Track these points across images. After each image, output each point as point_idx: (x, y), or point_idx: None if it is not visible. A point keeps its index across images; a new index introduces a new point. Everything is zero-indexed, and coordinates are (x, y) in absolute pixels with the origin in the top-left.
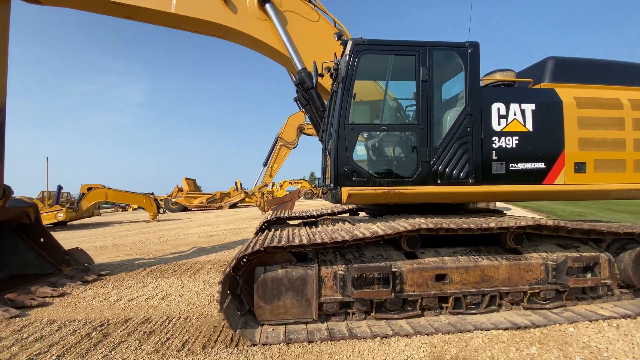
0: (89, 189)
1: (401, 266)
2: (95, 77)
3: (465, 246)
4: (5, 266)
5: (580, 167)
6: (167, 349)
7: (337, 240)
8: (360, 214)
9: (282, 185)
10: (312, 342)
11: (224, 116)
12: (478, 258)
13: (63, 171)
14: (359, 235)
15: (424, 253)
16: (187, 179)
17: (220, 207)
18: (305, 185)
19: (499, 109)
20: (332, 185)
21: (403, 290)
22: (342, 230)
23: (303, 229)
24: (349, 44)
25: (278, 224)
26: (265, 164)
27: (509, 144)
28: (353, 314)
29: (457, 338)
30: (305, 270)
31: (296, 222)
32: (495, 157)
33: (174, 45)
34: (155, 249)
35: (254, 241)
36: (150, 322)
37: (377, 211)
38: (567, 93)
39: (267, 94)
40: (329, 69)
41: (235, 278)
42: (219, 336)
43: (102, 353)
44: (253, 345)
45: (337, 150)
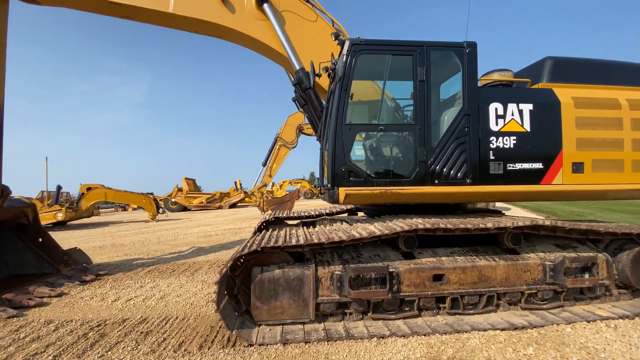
0: (89, 188)
1: (398, 266)
2: (96, 77)
3: (463, 246)
4: (4, 266)
5: (578, 167)
6: (164, 349)
7: (334, 241)
8: (359, 214)
9: (282, 185)
10: (309, 343)
11: (224, 116)
12: (475, 258)
13: (63, 171)
14: (356, 235)
15: (421, 253)
16: (186, 178)
17: (220, 207)
18: (305, 185)
19: (496, 109)
20: (330, 185)
21: (400, 290)
22: (339, 230)
23: (300, 229)
24: (347, 44)
25: (276, 224)
26: (264, 164)
27: (506, 144)
28: (350, 314)
29: (454, 338)
30: (302, 271)
31: (295, 222)
32: (493, 157)
33: (175, 45)
34: (154, 249)
35: (250, 241)
36: (148, 322)
37: (375, 211)
38: (565, 93)
39: (267, 94)
40: (326, 69)
41: (232, 278)
42: (215, 336)
43: (98, 353)
44: (250, 345)
45: (335, 150)
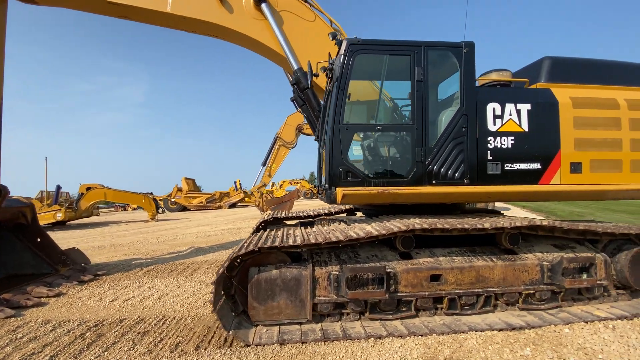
0: (88, 188)
1: (395, 267)
2: (95, 77)
3: (461, 247)
4: (2, 266)
5: (576, 168)
6: (161, 349)
7: (331, 241)
8: (358, 214)
9: (282, 185)
10: (305, 343)
11: (224, 116)
12: (473, 258)
13: (63, 171)
14: (353, 235)
15: (419, 253)
16: (186, 178)
17: (220, 207)
18: (305, 185)
19: (494, 109)
20: (327, 185)
21: (397, 290)
22: (336, 230)
23: (298, 229)
24: (344, 44)
25: (275, 224)
26: (264, 164)
27: (504, 144)
28: (347, 314)
29: (451, 339)
30: (299, 271)
31: (293, 222)
32: (491, 158)
33: (174, 45)
34: (153, 249)
35: (247, 242)
36: (145, 322)
37: (374, 211)
38: (563, 93)
39: (267, 94)
40: (324, 69)
41: (230, 279)
42: (212, 337)
43: (95, 353)
44: (246, 345)
45: (332, 150)
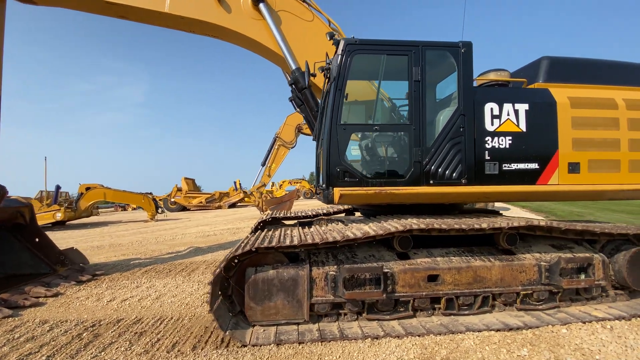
0: (87, 188)
1: (393, 267)
2: (95, 77)
3: (459, 247)
4: (0, 266)
5: (574, 168)
6: (157, 349)
7: (328, 241)
8: (356, 214)
9: (282, 185)
10: (302, 343)
11: (224, 116)
12: (470, 259)
13: (62, 171)
14: (350, 235)
15: (416, 254)
16: (186, 178)
17: (219, 207)
18: (305, 185)
19: (492, 109)
20: (324, 185)
21: (395, 291)
22: (334, 230)
23: (295, 229)
24: (341, 44)
25: (274, 224)
26: (263, 164)
27: (502, 144)
28: (345, 314)
29: (449, 339)
30: (296, 271)
31: (292, 222)
32: (488, 158)
33: (174, 45)
34: (152, 249)
35: (244, 242)
36: (142, 322)
37: (372, 212)
38: (561, 93)
39: (267, 94)
40: (322, 68)
41: (227, 279)
42: (209, 337)
43: (91, 354)
44: (243, 346)
45: (329, 150)
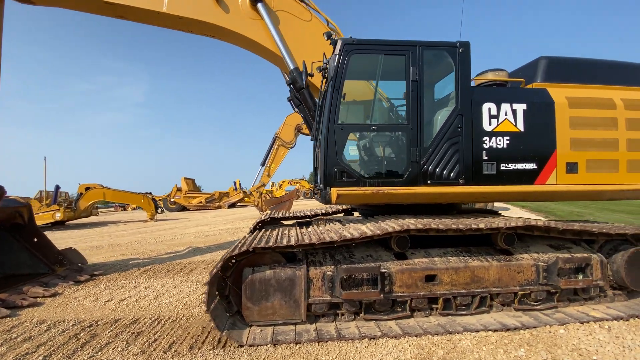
0: (87, 188)
1: (390, 267)
2: (96, 77)
3: (457, 247)
4: None
5: (572, 168)
6: (154, 350)
7: (325, 241)
8: (355, 214)
9: (282, 185)
10: (299, 344)
11: (224, 116)
12: (468, 259)
13: (62, 171)
14: (348, 236)
15: (414, 254)
16: (185, 178)
17: (219, 207)
18: (305, 185)
19: (489, 109)
20: (322, 185)
21: (392, 291)
22: (331, 230)
23: (293, 229)
24: (339, 44)
25: (272, 224)
26: (263, 164)
27: (499, 144)
28: (342, 314)
29: (446, 339)
30: (293, 271)
31: (290, 222)
32: (486, 158)
33: (174, 45)
34: (151, 249)
35: (241, 242)
36: (140, 322)
37: (370, 212)
38: (559, 93)
39: (267, 94)
40: (320, 68)
41: (224, 279)
42: (206, 337)
43: (88, 354)
44: (240, 346)
45: (327, 150)
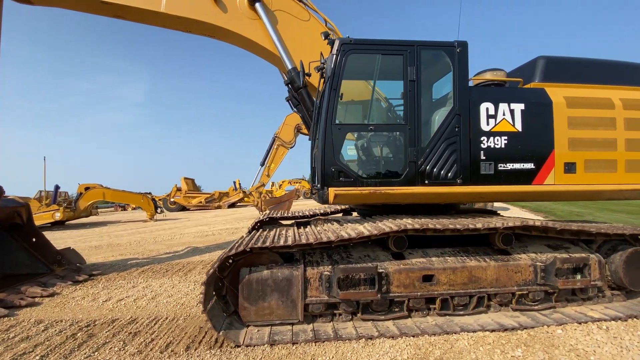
0: (87, 188)
1: (387, 267)
2: (96, 77)
3: (455, 247)
4: None
5: (570, 168)
6: (151, 350)
7: (322, 241)
8: (354, 214)
9: (282, 185)
10: (296, 344)
11: (224, 116)
12: (466, 259)
13: (62, 171)
14: (345, 235)
15: (411, 254)
16: (185, 178)
17: (219, 207)
18: (305, 185)
19: (487, 109)
20: (319, 185)
21: (389, 291)
22: (328, 230)
23: (291, 229)
24: (336, 43)
25: (271, 224)
26: (262, 164)
27: (497, 144)
28: (339, 315)
29: (443, 340)
30: (290, 271)
31: (289, 222)
32: (484, 158)
33: (174, 45)
34: (150, 249)
35: (238, 242)
36: (137, 322)
37: (369, 212)
38: (557, 93)
39: (267, 94)
40: (318, 68)
41: (221, 279)
42: (203, 337)
43: (85, 354)
44: (237, 346)
45: (324, 150)
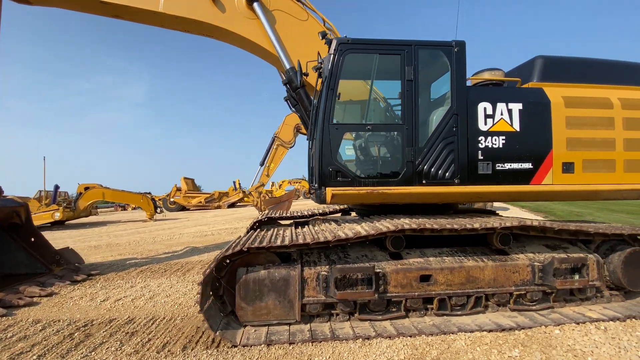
0: (86, 188)
1: (385, 267)
2: (96, 77)
3: (452, 247)
4: None
5: (568, 167)
6: (148, 350)
7: (319, 241)
8: (352, 214)
9: (282, 184)
10: (293, 344)
11: (224, 116)
12: (463, 259)
13: (63, 171)
14: (342, 235)
15: (409, 254)
16: (185, 178)
17: (219, 207)
18: (305, 185)
19: (485, 109)
20: (317, 185)
21: (387, 291)
22: (326, 230)
23: (288, 229)
24: (333, 43)
25: (269, 224)
26: (262, 164)
27: (495, 144)
28: (337, 315)
29: (440, 340)
30: (287, 271)
31: (288, 222)
32: (482, 157)
33: (174, 45)
34: (149, 249)
35: (235, 242)
36: (134, 322)
37: (366, 212)
38: (555, 92)
39: (267, 93)
40: (316, 68)
41: (218, 279)
42: (200, 337)
43: (82, 353)
44: (234, 346)
45: (322, 150)
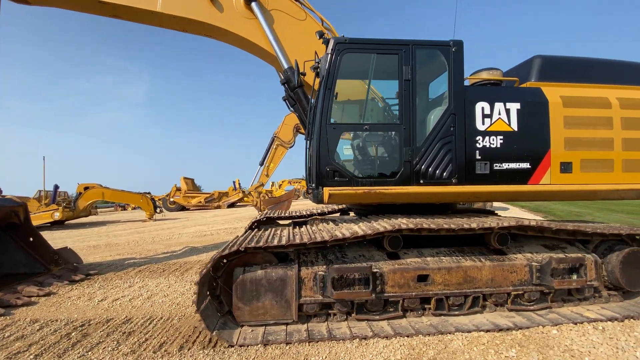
0: (86, 188)
1: (382, 267)
2: (96, 77)
3: (450, 247)
4: None
5: (566, 167)
6: (144, 349)
7: (317, 241)
8: (351, 214)
9: (281, 184)
10: (290, 344)
11: (224, 116)
12: (461, 259)
13: (62, 171)
14: (339, 235)
15: (407, 254)
16: (185, 178)
17: (218, 207)
18: (305, 185)
19: (483, 109)
20: (314, 185)
21: (384, 291)
22: (323, 230)
23: (286, 229)
24: (331, 43)
25: (268, 223)
26: (261, 164)
27: (493, 144)
28: (334, 315)
29: (437, 340)
30: (284, 271)
31: (286, 222)
32: (479, 157)
33: (174, 45)
34: (148, 249)
35: (233, 242)
36: (132, 322)
37: (364, 211)
38: (554, 92)
39: (266, 93)
40: (313, 67)
41: (215, 279)
42: (197, 337)
43: (79, 353)
44: (230, 346)
45: (319, 149)
